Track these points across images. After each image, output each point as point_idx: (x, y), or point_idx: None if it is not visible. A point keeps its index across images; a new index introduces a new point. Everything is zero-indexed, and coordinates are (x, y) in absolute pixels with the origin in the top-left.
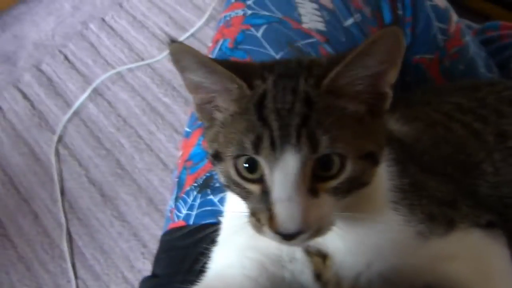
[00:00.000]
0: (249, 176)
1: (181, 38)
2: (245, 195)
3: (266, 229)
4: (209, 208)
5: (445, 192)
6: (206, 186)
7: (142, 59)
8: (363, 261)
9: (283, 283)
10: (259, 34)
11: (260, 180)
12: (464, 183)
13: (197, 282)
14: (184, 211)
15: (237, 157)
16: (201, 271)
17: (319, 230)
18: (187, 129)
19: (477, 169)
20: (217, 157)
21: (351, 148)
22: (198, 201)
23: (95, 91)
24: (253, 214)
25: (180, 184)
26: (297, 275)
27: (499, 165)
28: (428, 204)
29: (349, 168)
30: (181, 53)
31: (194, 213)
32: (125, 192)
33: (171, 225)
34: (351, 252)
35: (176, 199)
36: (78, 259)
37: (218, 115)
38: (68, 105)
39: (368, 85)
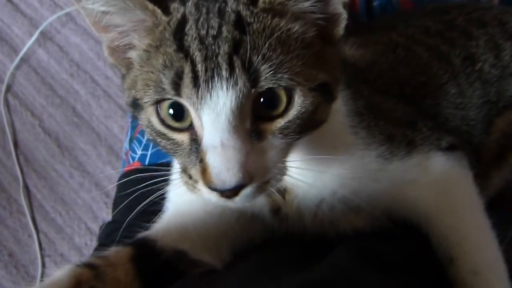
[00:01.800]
0: (176, 124)
1: None
2: (173, 148)
3: (200, 186)
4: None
5: (402, 113)
6: None
7: None
8: (326, 191)
9: (245, 218)
10: None
11: (190, 128)
12: (425, 105)
13: (156, 222)
14: (139, 152)
15: (157, 102)
16: (160, 211)
17: (268, 181)
18: None
19: (440, 89)
20: (136, 105)
21: (300, 78)
22: None
23: (44, 35)
24: (184, 170)
25: (134, 125)
26: (256, 211)
27: (464, 87)
28: (386, 124)
29: (299, 102)
30: None
31: (149, 152)
32: (84, 141)
33: (127, 168)
34: (313, 184)
35: (131, 140)
36: (38, 212)
37: (133, 54)
38: (15, 51)
39: (314, 3)
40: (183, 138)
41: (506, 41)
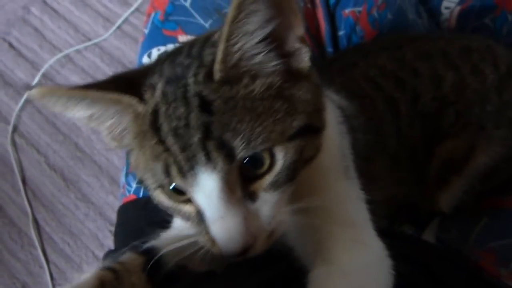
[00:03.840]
0: (182, 198)
1: (126, 14)
2: (185, 217)
3: (215, 250)
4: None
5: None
6: None
7: (89, 39)
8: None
9: None
10: (187, 3)
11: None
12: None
13: (164, 231)
14: (134, 185)
15: (159, 187)
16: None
17: (274, 231)
18: None
19: (384, 147)
20: (144, 184)
21: (275, 135)
22: None
23: (45, 76)
24: (199, 236)
25: (128, 161)
26: None
27: (404, 132)
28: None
29: (281, 156)
30: (45, 97)
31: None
32: (87, 174)
33: (124, 200)
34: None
35: (127, 174)
36: (48, 244)
37: (127, 141)
38: (19, 93)
39: (268, 52)
40: (190, 209)
41: (447, 71)
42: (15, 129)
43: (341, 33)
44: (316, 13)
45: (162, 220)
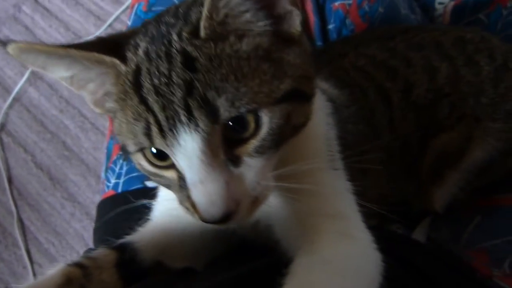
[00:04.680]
0: (163, 163)
1: (117, 12)
2: (167, 184)
3: (195, 217)
4: (135, 174)
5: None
6: None
7: (80, 38)
8: (275, 203)
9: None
10: None
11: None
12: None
13: (141, 227)
14: (113, 180)
15: (140, 150)
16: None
17: (258, 198)
18: None
19: (377, 138)
20: (125, 150)
21: (261, 97)
22: (124, 168)
23: (34, 74)
24: (181, 202)
25: (108, 155)
26: None
27: (397, 122)
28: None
29: (267, 120)
30: (23, 53)
31: (121, 180)
32: (74, 173)
33: (103, 196)
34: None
35: (106, 170)
36: (33, 244)
37: (110, 105)
38: (8, 91)
39: (256, 11)
40: (172, 175)
41: (441, 63)
42: (2, 127)
43: (330, 26)
44: (305, 6)
45: (141, 215)
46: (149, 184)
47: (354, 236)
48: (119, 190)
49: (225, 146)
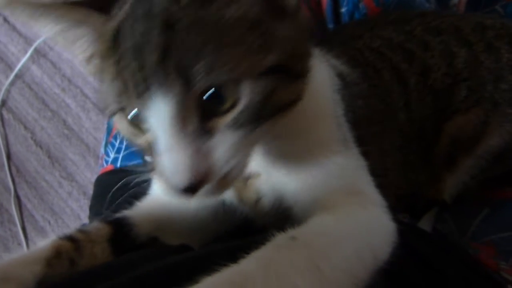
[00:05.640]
0: (138, 129)
1: None
2: (141, 149)
3: (163, 185)
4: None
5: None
6: None
7: None
8: (286, 180)
9: (220, 208)
10: None
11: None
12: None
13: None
14: (112, 155)
15: (117, 111)
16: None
17: (229, 176)
18: None
19: (393, 117)
20: (108, 111)
21: (242, 68)
22: (124, 143)
23: (37, 52)
24: (152, 168)
25: (109, 130)
26: (227, 202)
27: (413, 106)
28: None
29: (246, 93)
30: (10, 4)
31: (121, 155)
32: (73, 152)
33: (101, 171)
34: (275, 172)
35: (106, 144)
36: (29, 221)
37: (96, 62)
38: (10, 68)
39: None
40: (145, 140)
41: (460, 48)
42: (3, 103)
43: (343, 9)
44: None
45: (139, 191)
46: (149, 158)
47: (369, 207)
48: (118, 165)
49: (199, 116)
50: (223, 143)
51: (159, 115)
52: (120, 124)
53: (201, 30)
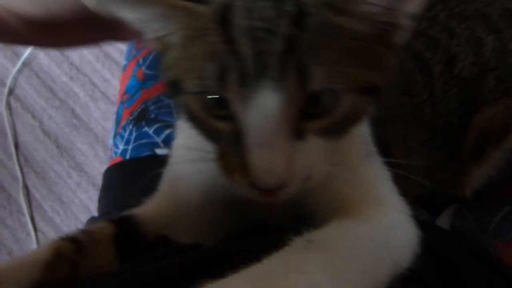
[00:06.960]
0: (219, 112)
1: None
2: (212, 135)
3: (239, 178)
4: (144, 140)
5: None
6: (141, 118)
7: None
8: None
9: (234, 207)
10: None
11: (232, 117)
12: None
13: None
14: (121, 147)
15: (199, 93)
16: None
17: (306, 181)
18: (124, 62)
19: (417, 110)
20: (175, 87)
21: (350, 81)
22: (134, 134)
23: None
24: (222, 156)
25: (118, 120)
26: (244, 199)
27: (438, 99)
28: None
29: (347, 104)
30: None
31: (130, 147)
32: (82, 142)
33: (110, 163)
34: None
35: (115, 135)
36: (37, 212)
37: (172, 39)
38: (18, 56)
39: (384, 9)
40: (225, 127)
41: (488, 35)
42: (11, 92)
43: None
44: None
45: (149, 184)
46: (159, 151)
47: (392, 214)
48: (127, 157)
49: (298, 118)
50: (312, 148)
51: (263, 109)
52: (191, 105)
53: (329, 35)
